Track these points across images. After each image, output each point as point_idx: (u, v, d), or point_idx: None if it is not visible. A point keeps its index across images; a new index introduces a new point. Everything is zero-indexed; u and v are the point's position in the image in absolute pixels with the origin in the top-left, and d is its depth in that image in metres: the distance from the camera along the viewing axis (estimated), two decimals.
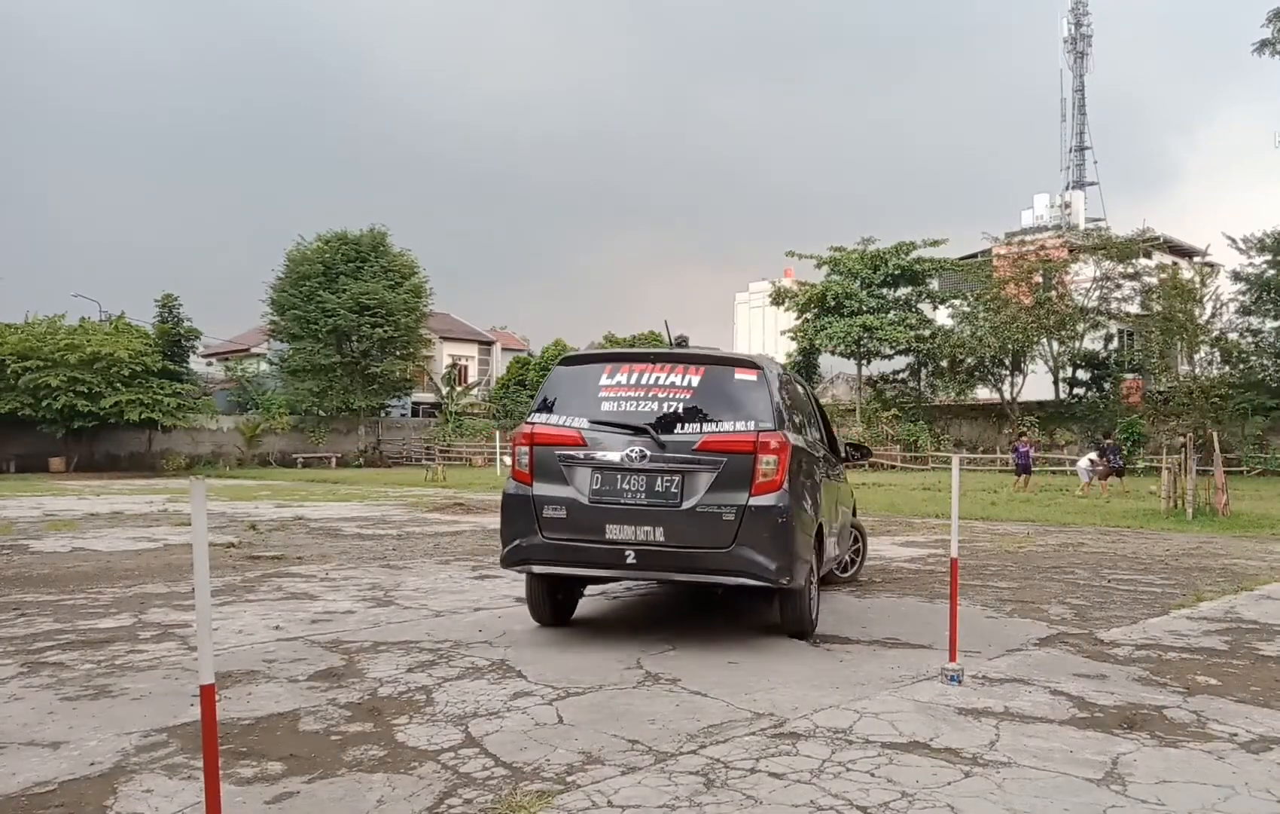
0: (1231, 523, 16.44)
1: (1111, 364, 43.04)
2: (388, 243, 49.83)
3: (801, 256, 48.17)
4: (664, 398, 6.70)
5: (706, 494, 6.44)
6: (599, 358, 7.22)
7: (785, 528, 6.47)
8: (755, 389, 6.72)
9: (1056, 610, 8.35)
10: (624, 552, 6.51)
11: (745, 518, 6.38)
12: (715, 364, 6.94)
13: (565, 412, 6.87)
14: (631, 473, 6.54)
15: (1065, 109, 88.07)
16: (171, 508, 20.34)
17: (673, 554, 6.52)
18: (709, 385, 6.74)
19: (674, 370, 6.83)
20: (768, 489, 6.42)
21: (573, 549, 6.64)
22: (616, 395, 6.81)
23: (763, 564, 6.40)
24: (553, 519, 6.66)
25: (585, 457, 6.66)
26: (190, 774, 4.16)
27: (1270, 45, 33.46)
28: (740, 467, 6.43)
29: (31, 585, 9.60)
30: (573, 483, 6.67)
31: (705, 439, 6.51)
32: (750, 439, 6.46)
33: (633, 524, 6.50)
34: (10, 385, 40.36)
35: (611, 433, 6.64)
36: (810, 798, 3.91)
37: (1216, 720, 5.04)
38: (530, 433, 6.90)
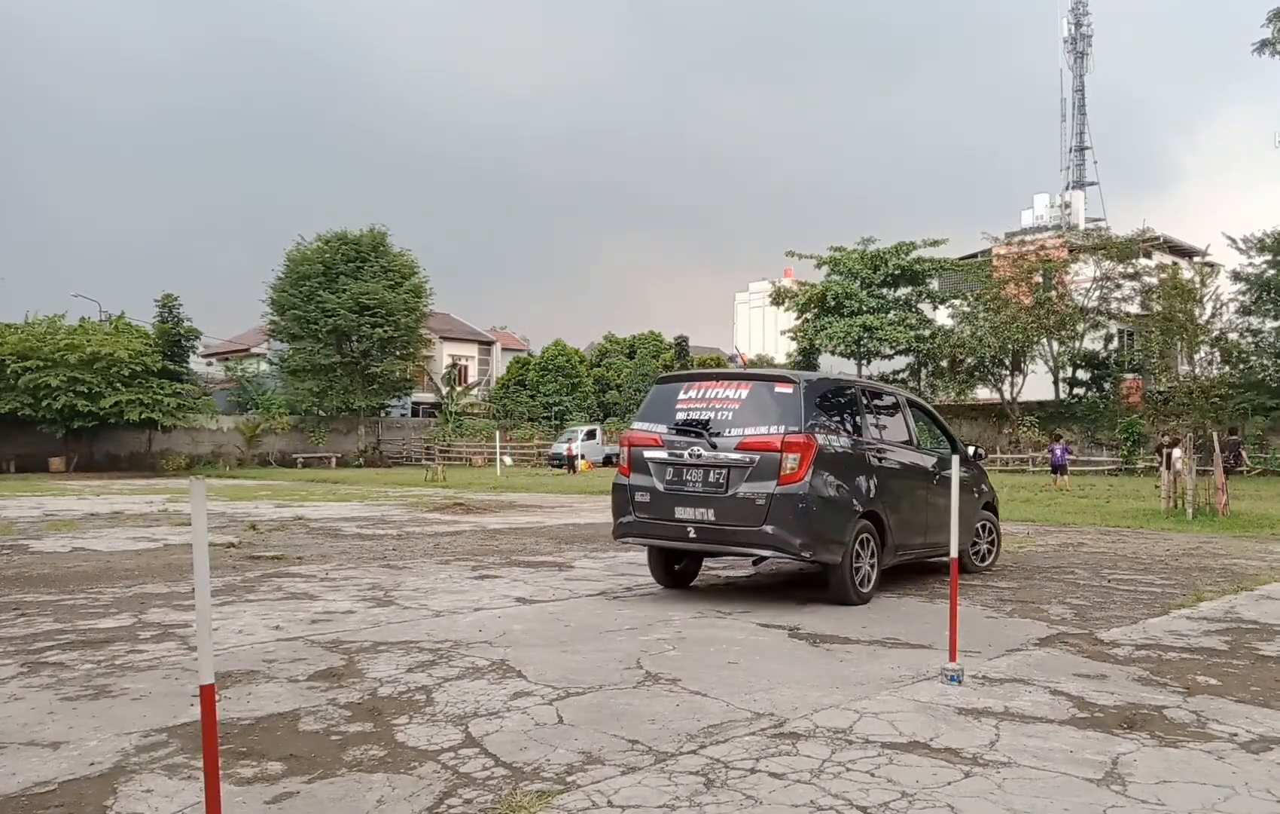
0: (1231, 523, 16.44)
1: (1111, 364, 43.04)
2: (388, 243, 49.86)
3: (801, 256, 48.20)
4: (719, 408, 8.44)
5: (745, 484, 8.11)
6: (681, 378, 9.19)
7: (806, 512, 7.98)
8: (789, 400, 8.28)
9: (1056, 610, 8.35)
10: (687, 528, 8.34)
11: (773, 503, 7.99)
12: (760, 380, 8.73)
13: (652, 420, 8.83)
14: (692, 467, 8.37)
15: (1065, 109, 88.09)
16: (171, 508, 20.34)
17: (720, 531, 8.25)
18: (754, 398, 8.43)
19: (730, 386, 8.60)
20: (792, 480, 7.99)
21: (654, 526, 8.60)
22: (688, 407, 8.63)
23: (787, 540, 7.99)
24: (641, 503, 8.64)
25: (662, 455, 8.55)
26: (190, 774, 4.16)
27: (1270, 45, 33.45)
28: (770, 462, 8.04)
29: (31, 585, 9.61)
30: (654, 475, 8.60)
31: (743, 440, 8.18)
32: (778, 440, 8.05)
33: (692, 507, 8.30)
34: (10, 385, 40.36)
35: (680, 436, 8.49)
36: (810, 798, 3.91)
37: (1216, 720, 5.04)
38: (629, 437, 9.00)
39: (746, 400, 8.41)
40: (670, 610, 8.23)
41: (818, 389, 8.75)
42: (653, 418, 8.86)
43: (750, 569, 10.59)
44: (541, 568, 10.98)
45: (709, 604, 8.55)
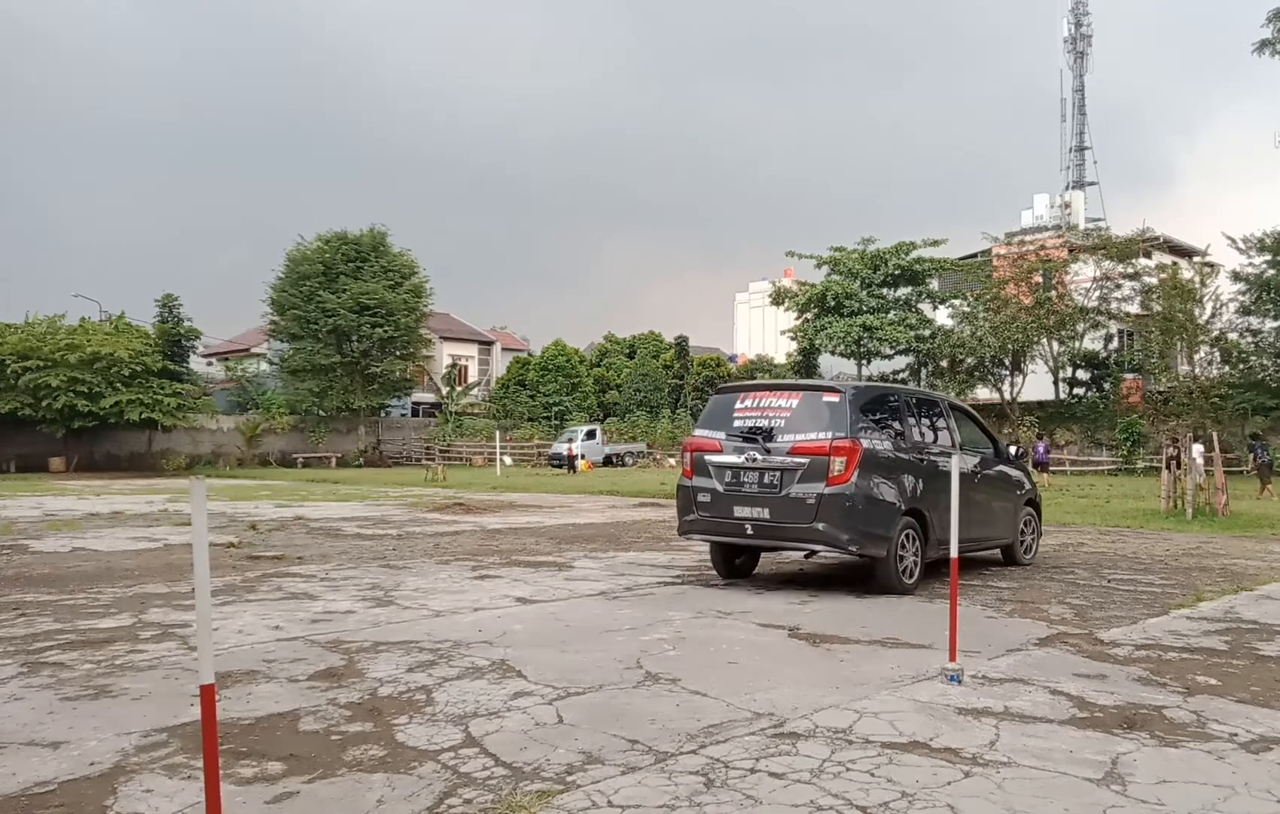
0: (1231, 523, 16.44)
1: (1111, 364, 43.01)
2: (388, 243, 49.82)
3: (801, 256, 48.13)
4: (773, 416, 9.19)
5: (797, 485, 8.86)
6: (737, 388, 9.96)
7: (853, 510, 8.72)
8: (836, 408, 9.00)
9: (1056, 610, 8.35)
10: (745, 525, 9.11)
11: (822, 502, 8.73)
12: (809, 390, 9.49)
13: (712, 427, 9.63)
14: (748, 470, 9.12)
15: (1065, 109, 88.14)
16: (171, 508, 20.34)
17: (776, 528, 9.01)
18: (804, 406, 9.17)
19: (782, 395, 9.39)
20: (839, 481, 8.71)
21: (714, 523, 9.37)
22: (744, 415, 9.37)
23: (836, 536, 8.75)
24: (702, 502, 9.42)
25: (721, 459, 9.31)
26: (190, 774, 4.16)
27: (1270, 45, 33.40)
28: (819, 465, 8.78)
29: (31, 585, 9.61)
30: (714, 477, 9.34)
31: (795, 445, 8.94)
32: (826, 445, 8.79)
33: (749, 506, 9.06)
34: (10, 385, 40.34)
35: (737, 442, 9.25)
36: (810, 798, 3.91)
37: (1216, 720, 5.04)
38: (690, 443, 9.86)
39: (798, 408, 9.17)
40: (670, 610, 8.23)
41: (863, 397, 9.49)
42: (712, 425, 9.67)
43: (802, 561, 11.10)
44: (541, 568, 10.98)
45: (709, 604, 8.56)
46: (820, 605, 8.55)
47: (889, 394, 10.30)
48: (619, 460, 47.09)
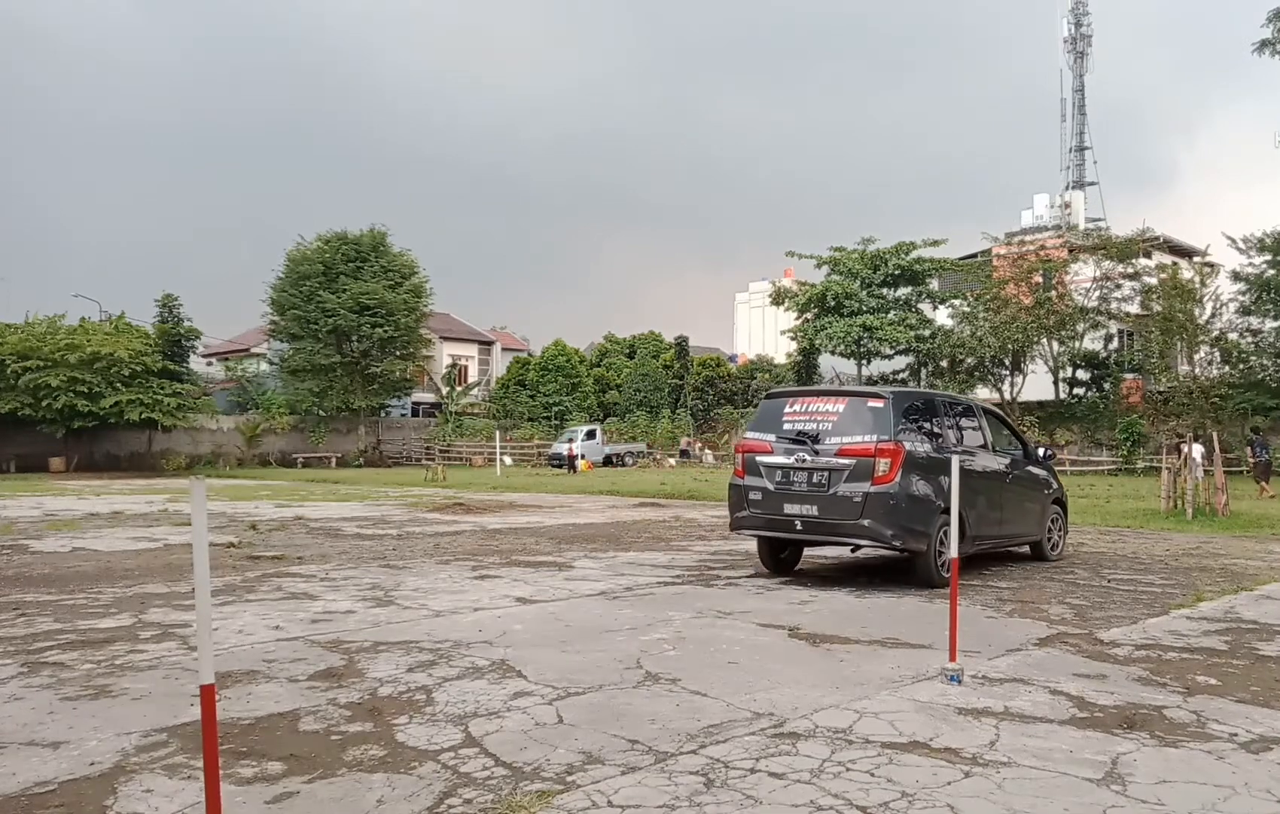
0: (1231, 523, 16.44)
1: (1111, 364, 43.00)
2: (388, 243, 49.78)
3: (801, 257, 48.13)
4: (821, 420, 9.76)
5: (843, 484, 9.38)
6: (786, 394, 10.49)
7: (896, 507, 9.24)
8: (880, 412, 9.54)
9: (1056, 610, 8.35)
10: (794, 521, 9.66)
11: (868, 500, 9.25)
12: (855, 396, 10.06)
13: (762, 430, 10.18)
14: (798, 470, 9.67)
15: (1065, 109, 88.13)
16: (171, 508, 20.34)
17: (823, 524, 9.53)
18: (850, 411, 9.72)
19: (829, 401, 9.99)
20: (883, 481, 9.22)
21: (765, 519, 9.92)
22: (793, 419, 9.94)
23: (880, 531, 9.28)
24: (754, 500, 9.96)
25: (772, 460, 9.85)
26: (190, 774, 4.16)
27: (1270, 45, 33.39)
28: (865, 466, 9.31)
29: (31, 585, 9.61)
30: (764, 477, 9.89)
31: (842, 447, 9.48)
32: (871, 447, 9.32)
33: (799, 503, 9.61)
34: (10, 385, 40.32)
35: (787, 444, 9.81)
36: (810, 798, 3.91)
37: (1216, 720, 5.04)
38: (742, 444, 10.48)
39: (844, 413, 9.73)
40: (670, 610, 8.23)
41: (904, 402, 10.11)
42: (763, 428, 10.22)
43: (849, 554, 11.81)
44: (541, 568, 10.98)
45: (709, 604, 8.56)
46: (820, 605, 8.55)
47: (928, 399, 10.90)
48: (619, 460, 47.08)
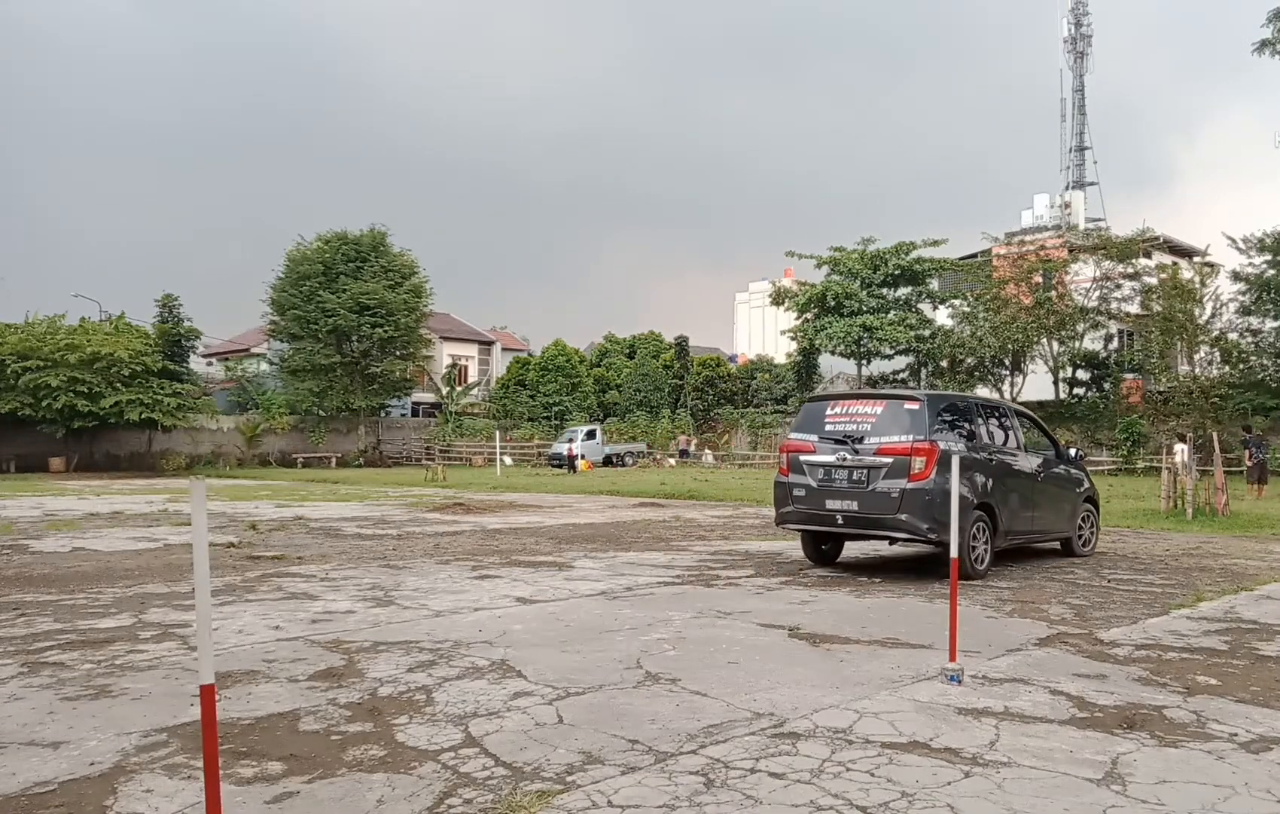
0: (1231, 523, 16.43)
1: (1111, 364, 42.98)
2: (388, 243, 49.77)
3: (801, 257, 48.12)
4: (860, 421, 10.33)
5: (882, 481, 9.95)
6: (827, 397, 11.32)
7: (931, 503, 9.66)
8: (916, 414, 10.07)
9: (1056, 610, 8.35)
10: (835, 516, 10.28)
11: (904, 496, 9.80)
12: (892, 399, 10.54)
13: (805, 431, 10.78)
14: (839, 468, 10.27)
15: (1065, 109, 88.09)
16: (171, 508, 20.34)
17: (863, 518, 10.10)
18: (887, 413, 10.27)
19: (867, 403, 10.57)
20: (919, 478, 9.78)
21: (808, 514, 10.57)
22: (834, 420, 10.54)
23: (916, 525, 9.84)
24: (798, 496, 10.60)
25: (814, 459, 10.47)
26: (190, 774, 4.16)
27: (1270, 45, 33.37)
28: (902, 464, 9.86)
29: (31, 585, 9.60)
30: (808, 474, 10.51)
31: (880, 446, 10.03)
32: (907, 446, 9.87)
33: (840, 499, 10.21)
34: (10, 385, 40.32)
35: (829, 444, 10.42)
36: (810, 798, 3.91)
37: (1216, 720, 5.04)
38: (787, 445, 11.07)
39: (882, 414, 10.27)
40: (670, 610, 8.23)
41: (939, 404, 10.68)
42: (805, 429, 10.81)
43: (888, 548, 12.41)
44: (541, 568, 10.98)
45: (709, 604, 8.56)
46: (820, 605, 8.55)
47: (962, 402, 11.44)
48: (619, 460, 47.07)
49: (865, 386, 48.47)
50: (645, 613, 8.11)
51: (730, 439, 51.42)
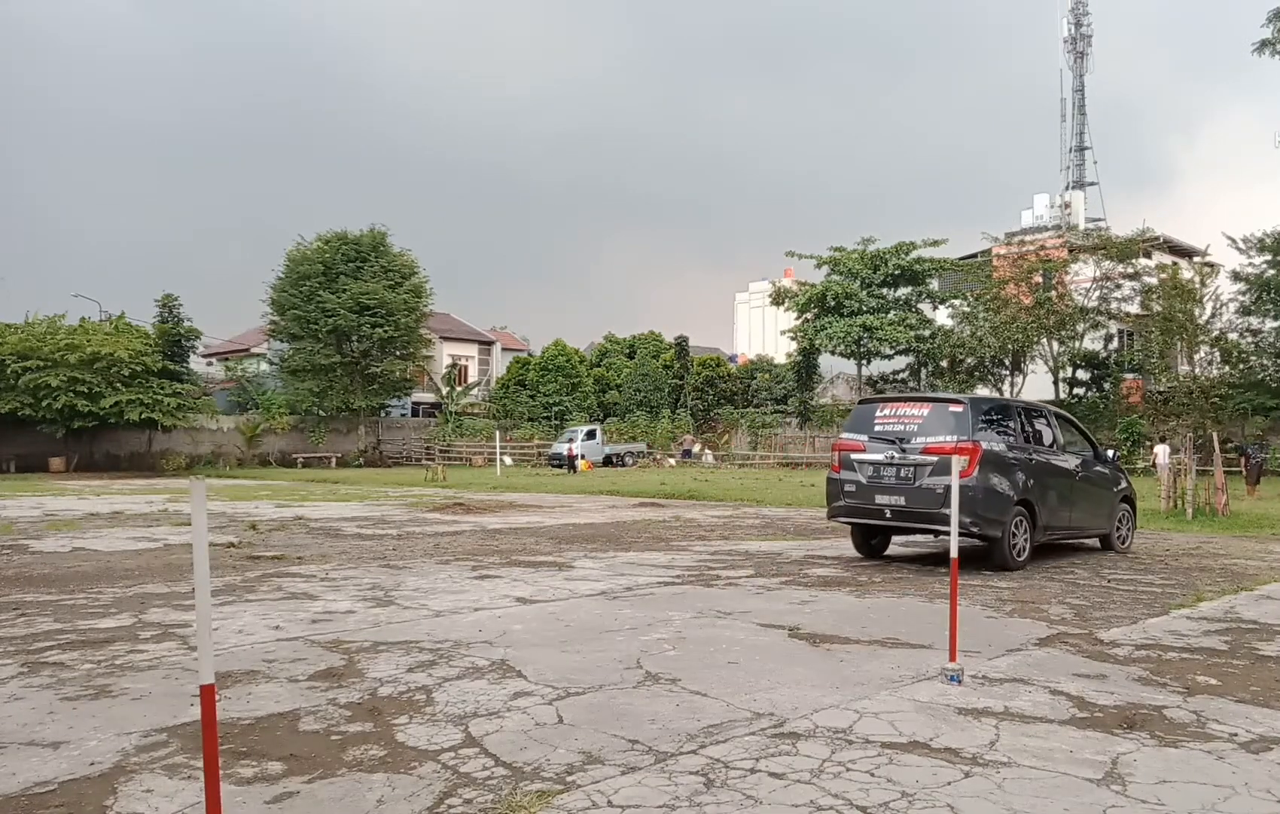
0: (1231, 523, 16.44)
1: (1111, 364, 42.98)
2: (388, 243, 49.73)
3: (801, 257, 48.13)
4: (908, 422, 11.02)
5: (928, 478, 10.61)
6: (877, 400, 11.84)
7: (974, 499, 10.29)
8: (960, 415, 10.75)
9: (1056, 610, 8.35)
10: (884, 510, 10.96)
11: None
12: (938, 401, 11.36)
13: (856, 431, 11.50)
14: (887, 466, 10.95)
15: (1065, 109, 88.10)
16: (171, 508, 20.34)
17: (910, 512, 10.80)
18: (933, 415, 10.97)
19: (915, 406, 11.30)
20: (963, 476, 10.11)
21: (858, 509, 11.26)
22: (883, 422, 11.22)
23: (961, 519, 9.61)
24: (848, 492, 11.29)
25: (864, 457, 11.16)
26: (190, 774, 4.16)
27: (1270, 45, 33.38)
28: (946, 462, 10.16)
29: (31, 585, 9.60)
30: (858, 471, 11.20)
31: (926, 446, 10.70)
32: (952, 445, 10.43)
33: (888, 495, 10.88)
34: (10, 385, 40.29)
35: (878, 443, 11.09)
36: (810, 798, 3.91)
37: (1216, 720, 5.04)
38: (838, 444, 11.75)
39: (928, 416, 10.95)
40: (670, 610, 8.23)
41: (982, 407, 11.28)
42: (856, 429, 11.53)
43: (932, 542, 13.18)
44: (541, 568, 10.98)
45: (709, 604, 8.56)
46: (820, 605, 8.55)
47: (1003, 404, 12.05)
48: (619, 460, 47.07)
49: (866, 388, 48.61)
50: (645, 613, 8.11)
51: (730, 439, 51.41)
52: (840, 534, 15.03)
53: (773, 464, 45.09)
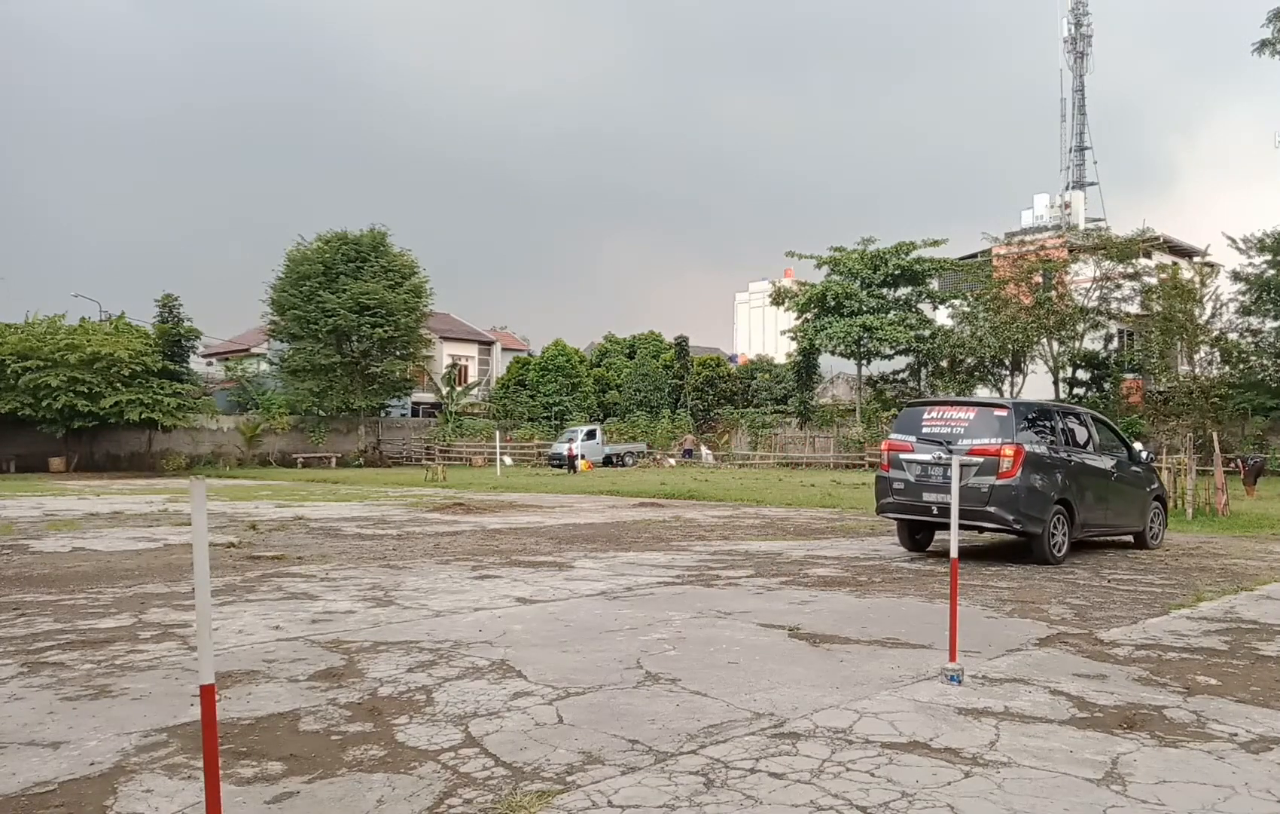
0: (1231, 523, 16.43)
1: (1111, 364, 42.97)
2: (388, 243, 49.72)
3: (801, 257, 48.11)
4: (954, 425, 11.64)
5: (973, 477, 11.06)
6: (924, 403, 12.47)
7: (1017, 497, 10.96)
8: (1004, 419, 11.34)
9: (1056, 610, 8.35)
10: (931, 507, 11.42)
11: (994, 491, 11.06)
12: (983, 406, 11.96)
13: (904, 432, 12.15)
14: (935, 465, 11.48)
15: (1065, 109, 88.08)
16: (171, 508, 20.33)
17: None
18: (978, 418, 11.57)
19: (960, 409, 11.95)
20: (1007, 475, 11.00)
21: (907, 505, 11.81)
22: (931, 424, 11.85)
23: (1004, 516, 11.07)
24: (897, 489, 11.88)
25: (912, 457, 11.73)
26: (190, 774, 4.16)
27: (1270, 45, 33.37)
28: (991, 463, 11.09)
29: (31, 585, 9.60)
30: (906, 470, 11.77)
31: (972, 447, 11.25)
32: (996, 447, 11.11)
33: (935, 492, 11.29)
34: (10, 385, 40.28)
35: (926, 444, 11.68)
36: (810, 798, 3.91)
37: (1216, 720, 5.04)
38: (888, 444, 12.35)
39: (974, 419, 11.58)
40: (670, 610, 8.23)
41: (1024, 411, 11.83)
42: (904, 431, 12.18)
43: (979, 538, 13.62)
44: (541, 568, 10.98)
45: (709, 604, 8.55)
46: (820, 605, 8.55)
47: (1044, 409, 12.58)
48: (619, 460, 47.06)
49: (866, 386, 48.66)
50: (645, 613, 8.11)
51: (730, 439, 51.40)
52: (840, 534, 15.03)
53: (773, 464, 45.09)
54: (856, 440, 44.73)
